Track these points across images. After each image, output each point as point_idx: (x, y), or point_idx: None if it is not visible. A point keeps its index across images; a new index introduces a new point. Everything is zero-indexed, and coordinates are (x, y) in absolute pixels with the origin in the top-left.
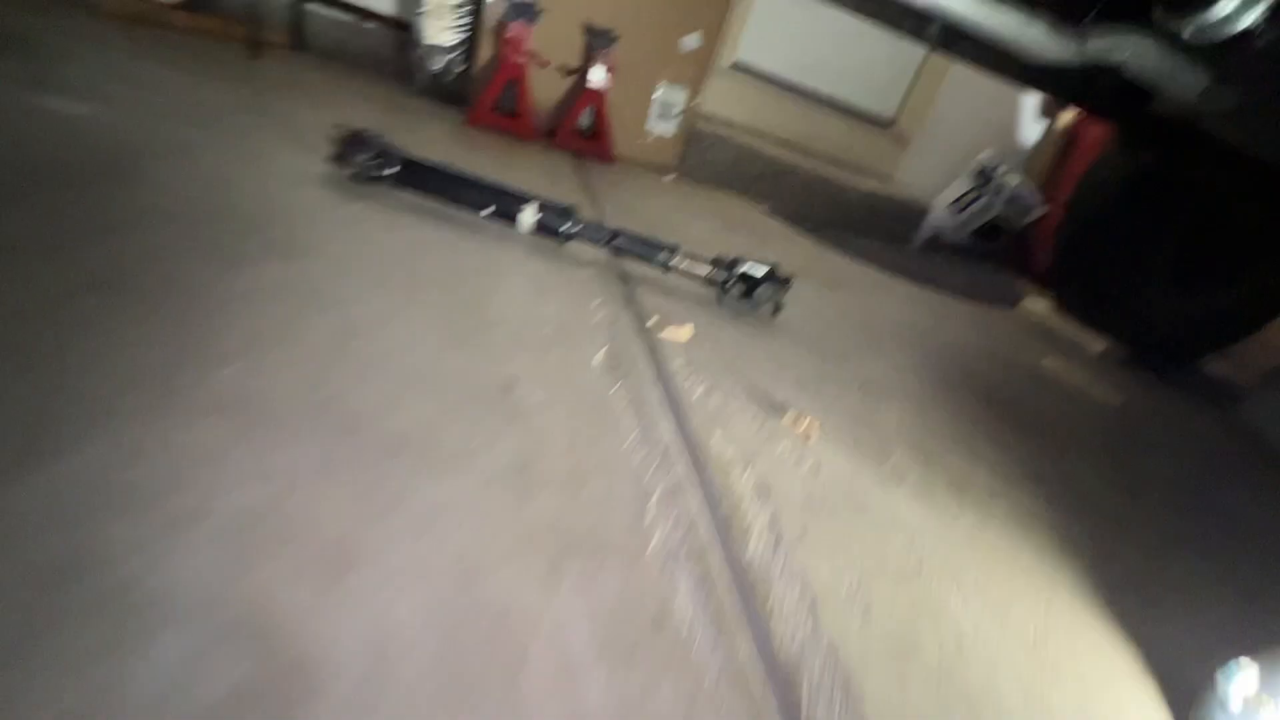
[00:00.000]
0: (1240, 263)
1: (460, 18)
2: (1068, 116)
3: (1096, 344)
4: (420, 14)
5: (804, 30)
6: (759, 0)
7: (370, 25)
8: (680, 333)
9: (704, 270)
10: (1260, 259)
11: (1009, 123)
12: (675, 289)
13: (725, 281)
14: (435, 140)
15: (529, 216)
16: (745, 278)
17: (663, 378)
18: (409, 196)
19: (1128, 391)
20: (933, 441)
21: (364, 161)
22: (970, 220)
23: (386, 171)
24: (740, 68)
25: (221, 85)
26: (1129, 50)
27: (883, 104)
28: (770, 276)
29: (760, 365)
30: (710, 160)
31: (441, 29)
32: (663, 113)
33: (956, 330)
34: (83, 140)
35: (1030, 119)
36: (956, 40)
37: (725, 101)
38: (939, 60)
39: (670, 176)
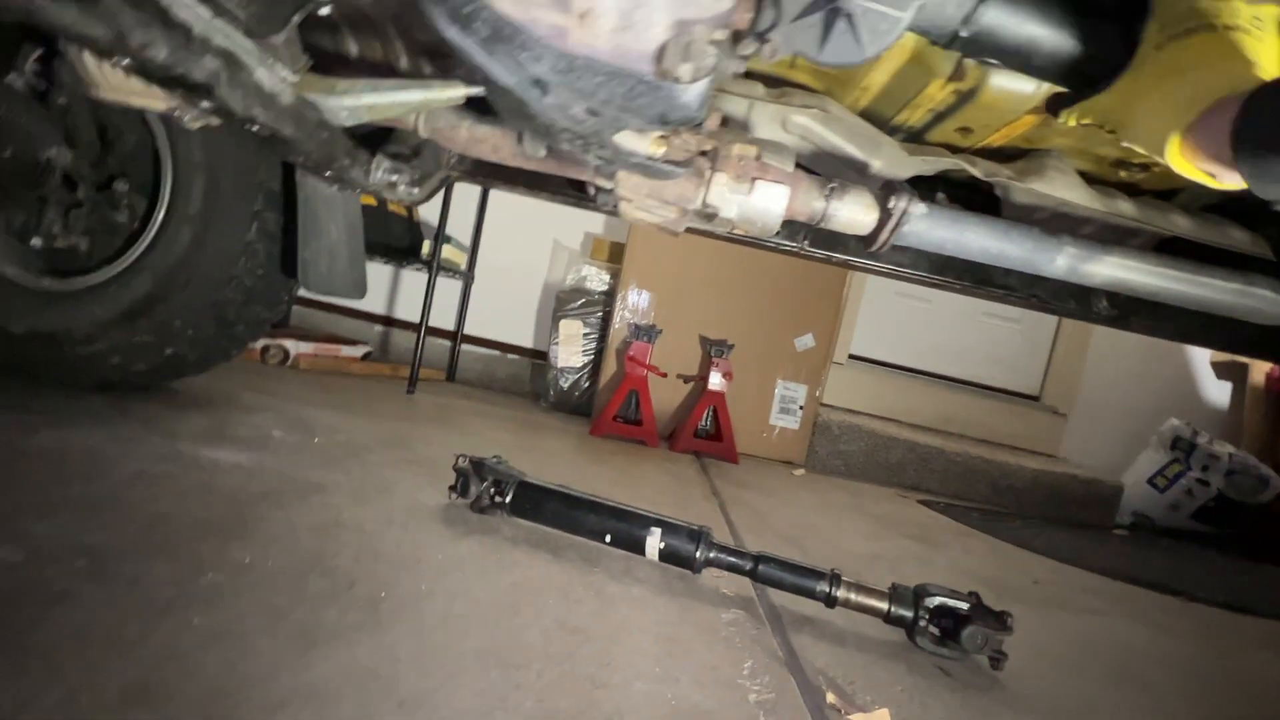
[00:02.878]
0: None
1: (588, 343)
2: (1260, 374)
3: None
4: (555, 344)
5: (914, 319)
6: (866, 297)
7: (512, 356)
8: None
9: (881, 604)
10: None
11: (1183, 385)
12: (847, 634)
13: (915, 620)
14: (561, 452)
15: (655, 543)
16: (942, 613)
17: None
18: (527, 524)
19: None
20: None
21: (481, 490)
22: (1184, 500)
23: (502, 499)
24: (858, 358)
25: (378, 422)
26: None
27: (1022, 381)
28: (978, 611)
29: None
30: (842, 450)
31: (572, 353)
32: (784, 408)
33: (1258, 664)
34: (222, 490)
35: (1208, 377)
36: (1136, 313)
37: (849, 392)
38: (1077, 327)
39: (800, 470)
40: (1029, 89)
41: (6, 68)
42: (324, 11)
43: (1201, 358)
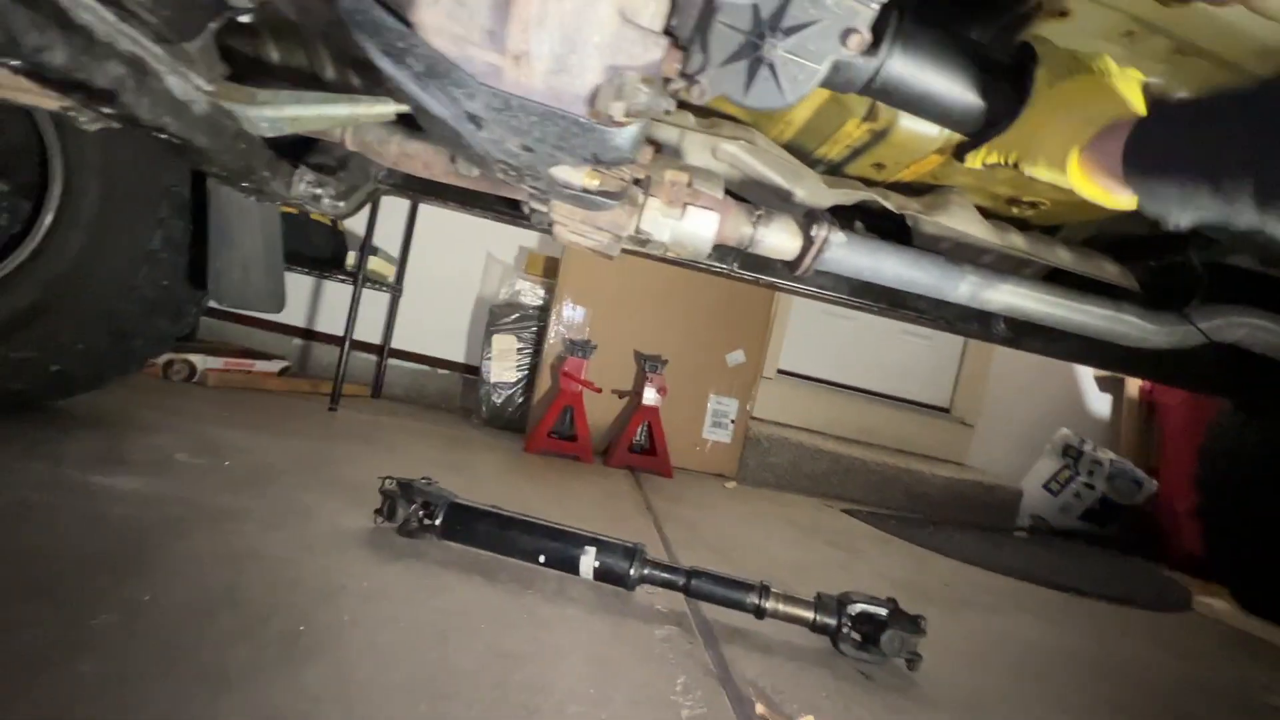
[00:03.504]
0: None
1: (522, 359)
2: (1134, 387)
3: None
4: (488, 359)
5: (838, 336)
6: (793, 315)
7: (442, 371)
8: None
9: (807, 613)
10: None
11: (1072, 397)
12: (775, 643)
13: (838, 628)
14: (494, 470)
15: (589, 563)
16: (863, 619)
17: None
18: (458, 547)
19: None
20: None
21: (409, 513)
22: (1073, 503)
23: (431, 522)
24: (786, 373)
25: (295, 442)
26: (1243, 329)
27: (934, 394)
28: (895, 616)
29: None
30: (771, 462)
31: (505, 369)
32: (716, 421)
33: (1139, 653)
34: (115, 520)
35: (1092, 390)
36: (1028, 335)
37: (778, 405)
38: (981, 345)
39: (732, 483)
40: (934, 132)
41: None
42: (245, 19)
43: (1087, 373)
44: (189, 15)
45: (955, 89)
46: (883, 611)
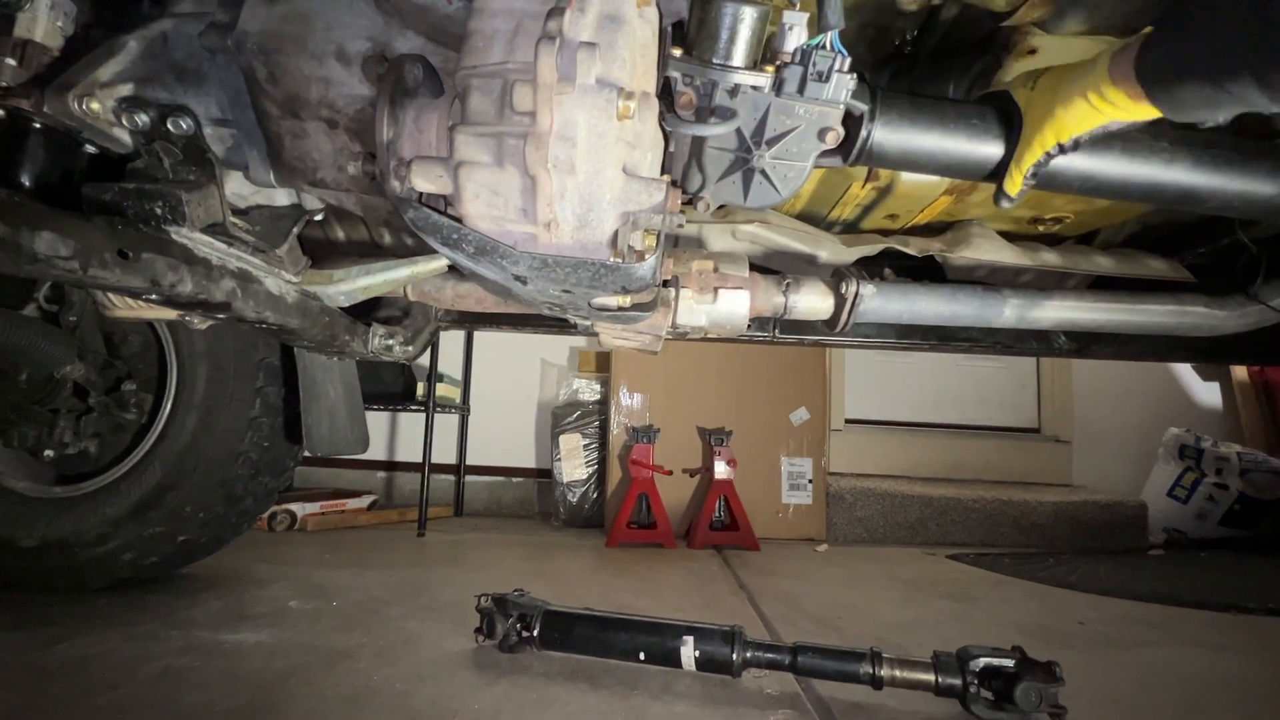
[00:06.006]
0: None
1: (589, 454)
2: (1242, 369)
3: None
4: (557, 460)
5: (900, 374)
6: (849, 362)
7: (517, 479)
8: None
9: (927, 675)
10: None
11: (1173, 392)
12: (900, 714)
13: (965, 687)
14: (580, 570)
15: (690, 653)
16: (990, 675)
17: None
18: (559, 655)
19: None
20: None
21: (508, 628)
22: (1209, 508)
23: (530, 634)
24: (855, 422)
25: (392, 572)
26: None
27: (1018, 415)
28: (1025, 666)
29: None
30: (860, 517)
31: (575, 466)
32: (794, 484)
33: None
34: (247, 674)
35: (1194, 381)
36: (1093, 344)
37: (853, 456)
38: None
39: (823, 546)
40: (935, 178)
41: (25, 298)
42: (318, 217)
43: (1184, 364)
44: (278, 226)
45: (945, 142)
46: (1009, 663)
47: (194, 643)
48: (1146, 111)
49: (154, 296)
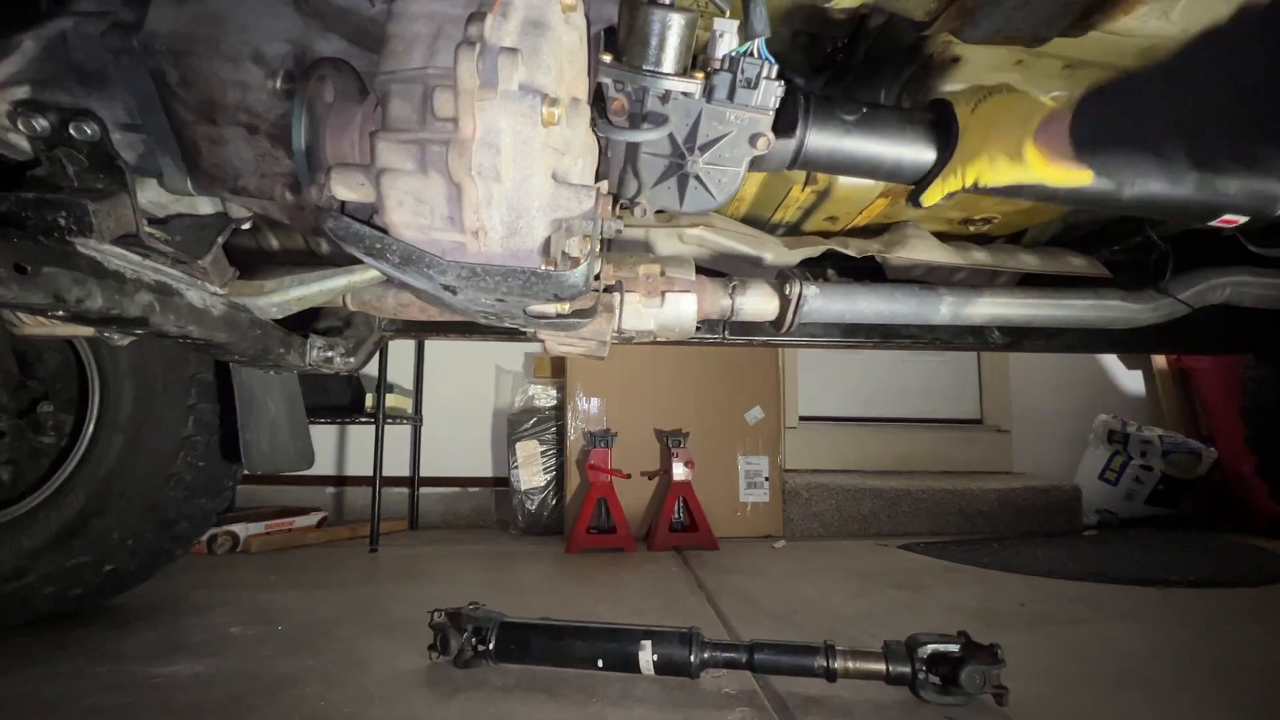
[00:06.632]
0: None
1: (547, 460)
2: (1160, 359)
3: None
4: (515, 467)
5: (850, 371)
6: (801, 361)
7: (474, 489)
8: None
9: (879, 665)
10: None
11: (1101, 381)
12: (855, 704)
13: (915, 675)
14: (540, 578)
15: (648, 658)
16: (937, 660)
17: None
18: (515, 668)
19: None
20: None
21: (462, 643)
22: (1136, 489)
23: (485, 647)
24: (809, 419)
25: (343, 592)
26: (1226, 289)
27: (961, 407)
28: (969, 650)
29: None
30: (816, 512)
31: (533, 474)
32: (751, 482)
33: (1245, 637)
34: (180, 708)
35: (1119, 369)
36: (1024, 338)
37: (808, 453)
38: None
39: (781, 542)
40: (871, 182)
41: None
42: (245, 226)
43: (1109, 355)
44: (201, 235)
45: (880, 148)
46: (954, 648)
47: (124, 678)
48: (1064, 176)
49: (60, 313)
